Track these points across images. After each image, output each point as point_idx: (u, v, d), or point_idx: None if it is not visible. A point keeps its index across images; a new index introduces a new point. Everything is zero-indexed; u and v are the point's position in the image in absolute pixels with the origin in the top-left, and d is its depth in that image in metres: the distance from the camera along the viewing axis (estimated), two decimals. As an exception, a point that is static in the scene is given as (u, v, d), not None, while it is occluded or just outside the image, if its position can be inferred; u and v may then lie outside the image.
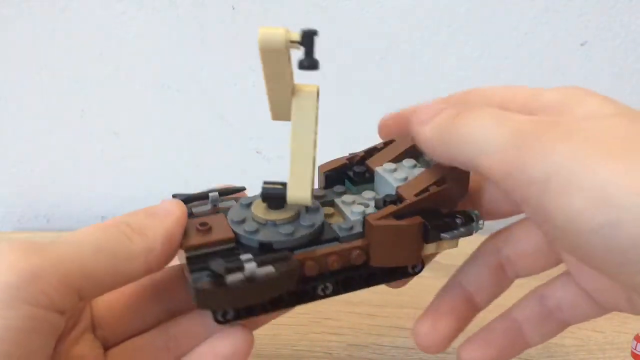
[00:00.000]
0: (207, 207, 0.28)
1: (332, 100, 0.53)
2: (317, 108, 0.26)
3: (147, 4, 0.49)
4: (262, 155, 0.54)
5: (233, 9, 0.48)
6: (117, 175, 0.56)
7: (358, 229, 0.26)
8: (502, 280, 0.29)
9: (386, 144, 0.31)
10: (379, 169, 0.29)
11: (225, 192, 0.29)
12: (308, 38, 0.24)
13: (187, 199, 0.27)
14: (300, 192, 0.26)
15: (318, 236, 0.26)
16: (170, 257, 0.25)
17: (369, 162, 0.30)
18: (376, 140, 0.31)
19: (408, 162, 0.29)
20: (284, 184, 0.26)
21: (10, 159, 0.56)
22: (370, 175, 0.29)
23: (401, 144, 0.30)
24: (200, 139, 0.54)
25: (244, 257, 0.24)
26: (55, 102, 0.53)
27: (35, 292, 0.20)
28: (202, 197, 0.28)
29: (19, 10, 0.49)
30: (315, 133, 0.26)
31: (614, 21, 0.48)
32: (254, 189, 0.51)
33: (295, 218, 0.26)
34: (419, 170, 0.28)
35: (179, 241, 0.25)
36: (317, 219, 0.26)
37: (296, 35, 0.24)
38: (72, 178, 0.57)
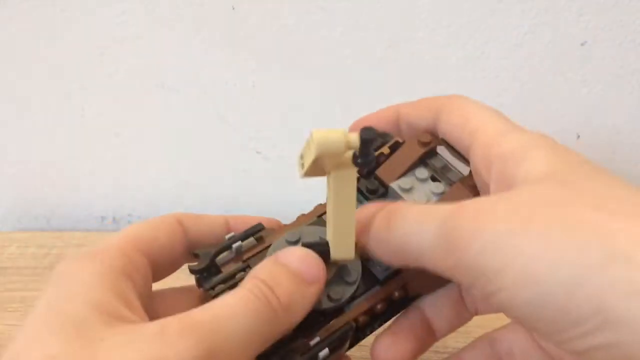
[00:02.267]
0: (232, 254, 0.28)
1: (332, 100, 0.53)
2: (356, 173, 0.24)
3: (146, 4, 0.49)
4: (262, 155, 0.54)
5: (233, 9, 0.48)
6: (117, 175, 0.56)
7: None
8: (461, 313, 0.29)
9: (392, 147, 0.30)
10: (394, 186, 0.28)
11: (245, 237, 0.29)
12: (365, 145, 0.21)
13: (214, 256, 0.27)
14: (344, 253, 0.25)
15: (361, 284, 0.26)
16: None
17: (380, 173, 0.29)
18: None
19: (421, 173, 0.29)
20: (325, 242, 0.25)
21: (10, 159, 0.56)
22: (384, 190, 0.29)
23: (409, 151, 0.29)
24: (200, 139, 0.54)
25: (314, 342, 0.24)
26: (55, 102, 0.53)
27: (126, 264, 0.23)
28: (226, 248, 0.28)
29: (19, 10, 0.49)
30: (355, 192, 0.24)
31: (614, 21, 0.48)
32: (254, 189, 0.51)
33: (337, 273, 0.26)
34: (435, 186, 0.28)
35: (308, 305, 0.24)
36: (358, 269, 0.26)
37: (355, 139, 0.21)
38: (72, 178, 0.57)
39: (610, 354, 0.17)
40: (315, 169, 0.22)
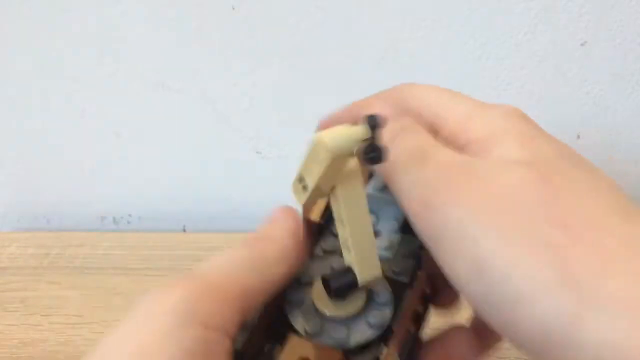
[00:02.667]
0: None
1: (332, 101, 0.53)
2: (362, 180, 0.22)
3: (146, 4, 0.49)
4: (262, 155, 0.54)
5: (233, 9, 0.48)
6: (117, 175, 0.56)
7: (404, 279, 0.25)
8: None
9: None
10: (367, 189, 0.27)
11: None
12: (375, 134, 0.20)
13: None
14: (372, 272, 0.23)
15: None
16: (302, 256, 0.24)
17: None
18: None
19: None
20: (349, 270, 0.23)
21: (10, 159, 0.56)
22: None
23: None
24: (200, 139, 0.54)
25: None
26: (55, 102, 0.53)
27: (206, 313, 0.19)
28: None
29: (19, 10, 0.49)
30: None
31: (614, 21, 0.48)
32: (254, 189, 0.51)
33: (368, 299, 0.24)
34: None
35: (302, 239, 0.24)
36: (385, 286, 0.24)
37: (364, 131, 0.20)
38: (72, 178, 0.57)
39: None
40: (320, 187, 0.21)
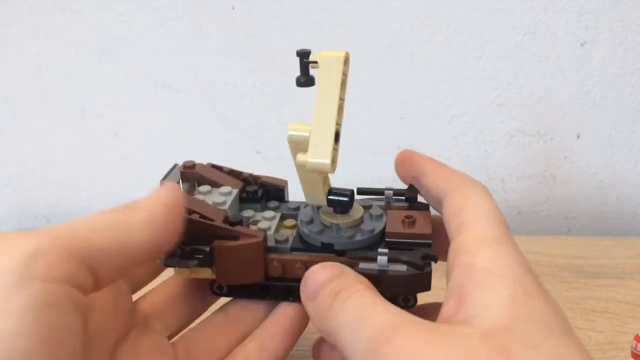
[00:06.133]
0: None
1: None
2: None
3: (146, 4, 0.49)
4: (262, 155, 0.54)
5: (233, 9, 0.48)
6: (117, 175, 0.56)
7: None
8: None
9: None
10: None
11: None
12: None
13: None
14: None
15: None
16: (175, 227, 0.25)
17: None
18: (374, 141, 0.31)
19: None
20: (350, 194, 0.28)
21: (10, 159, 0.56)
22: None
23: None
24: (200, 139, 0.54)
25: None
26: (55, 102, 0.53)
27: (43, 267, 0.20)
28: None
29: (19, 10, 0.49)
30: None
31: (614, 21, 0.48)
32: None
33: (359, 223, 0.29)
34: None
35: (180, 211, 0.25)
36: (378, 225, 0.28)
37: None
38: (72, 178, 0.57)
39: None
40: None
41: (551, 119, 0.52)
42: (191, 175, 0.31)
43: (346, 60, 0.26)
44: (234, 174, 0.33)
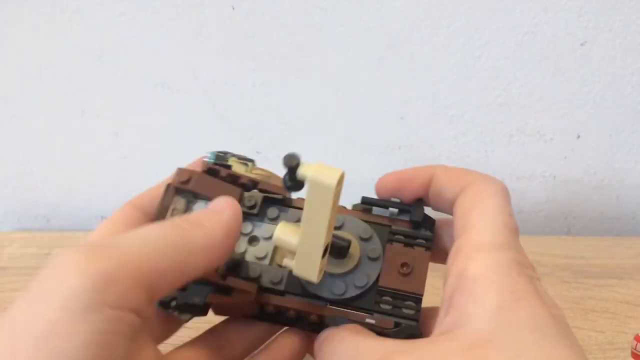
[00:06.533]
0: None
1: (332, 101, 0.53)
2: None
3: (146, 4, 0.49)
4: (262, 155, 0.54)
5: (233, 9, 0.48)
6: (117, 175, 0.56)
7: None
8: None
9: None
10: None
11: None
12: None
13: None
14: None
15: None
16: (229, 250, 0.25)
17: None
18: (374, 141, 0.31)
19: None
20: (348, 242, 0.28)
21: (10, 159, 0.56)
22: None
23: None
24: (200, 139, 0.54)
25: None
26: (55, 102, 0.53)
27: (113, 294, 0.20)
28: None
29: (19, 10, 0.49)
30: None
31: (614, 21, 0.48)
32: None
33: (353, 269, 0.28)
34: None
35: (237, 234, 0.25)
36: (372, 274, 0.28)
37: None
38: (72, 178, 0.57)
39: None
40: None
41: (551, 119, 0.52)
42: (186, 191, 0.30)
43: (339, 183, 0.23)
44: (231, 178, 0.31)
